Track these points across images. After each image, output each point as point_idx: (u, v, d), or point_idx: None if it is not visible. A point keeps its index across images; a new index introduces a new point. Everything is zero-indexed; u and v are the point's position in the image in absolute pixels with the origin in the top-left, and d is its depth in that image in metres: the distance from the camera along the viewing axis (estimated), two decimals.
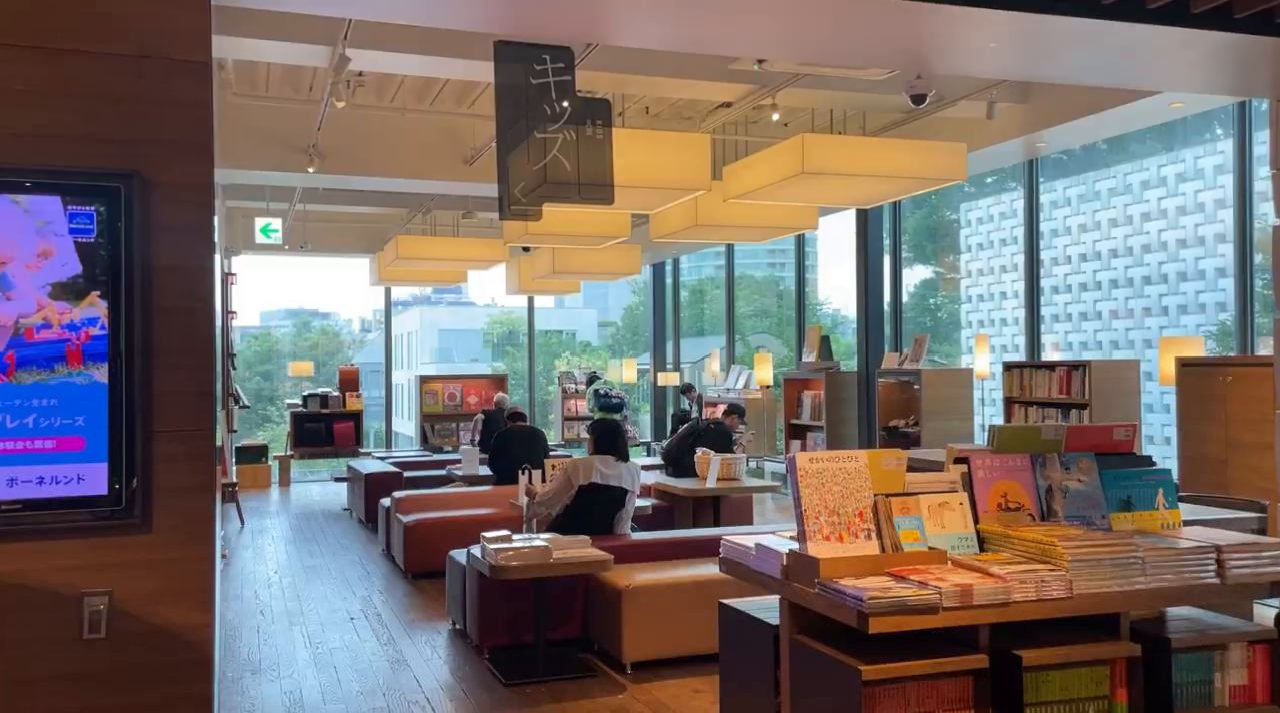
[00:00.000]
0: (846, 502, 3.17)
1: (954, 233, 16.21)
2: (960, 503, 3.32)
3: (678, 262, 15.01)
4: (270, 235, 9.43)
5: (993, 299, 16.12)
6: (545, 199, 4.63)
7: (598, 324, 31.82)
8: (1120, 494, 3.46)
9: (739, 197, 6.88)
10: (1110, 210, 13.85)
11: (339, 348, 27.40)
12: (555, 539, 4.90)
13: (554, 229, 7.54)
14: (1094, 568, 2.96)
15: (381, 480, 9.28)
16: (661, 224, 7.98)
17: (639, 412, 17.60)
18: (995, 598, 2.84)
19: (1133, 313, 13.46)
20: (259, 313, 32.73)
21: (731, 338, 13.56)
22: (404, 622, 5.83)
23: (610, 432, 5.65)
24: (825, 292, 19.20)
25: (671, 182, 6.17)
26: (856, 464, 3.23)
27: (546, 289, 12.56)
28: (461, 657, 5.11)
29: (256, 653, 5.21)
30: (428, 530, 6.96)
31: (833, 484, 3.18)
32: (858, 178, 6.41)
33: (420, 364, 32.39)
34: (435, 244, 10.35)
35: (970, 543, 3.27)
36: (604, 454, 5.54)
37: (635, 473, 5.65)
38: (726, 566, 3.56)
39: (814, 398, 10.49)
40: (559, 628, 5.16)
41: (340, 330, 30.05)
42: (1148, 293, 13.36)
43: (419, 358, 34.07)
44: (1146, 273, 13.34)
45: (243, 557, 8.02)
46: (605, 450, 5.55)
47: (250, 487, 12.69)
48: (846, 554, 3.07)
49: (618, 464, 5.53)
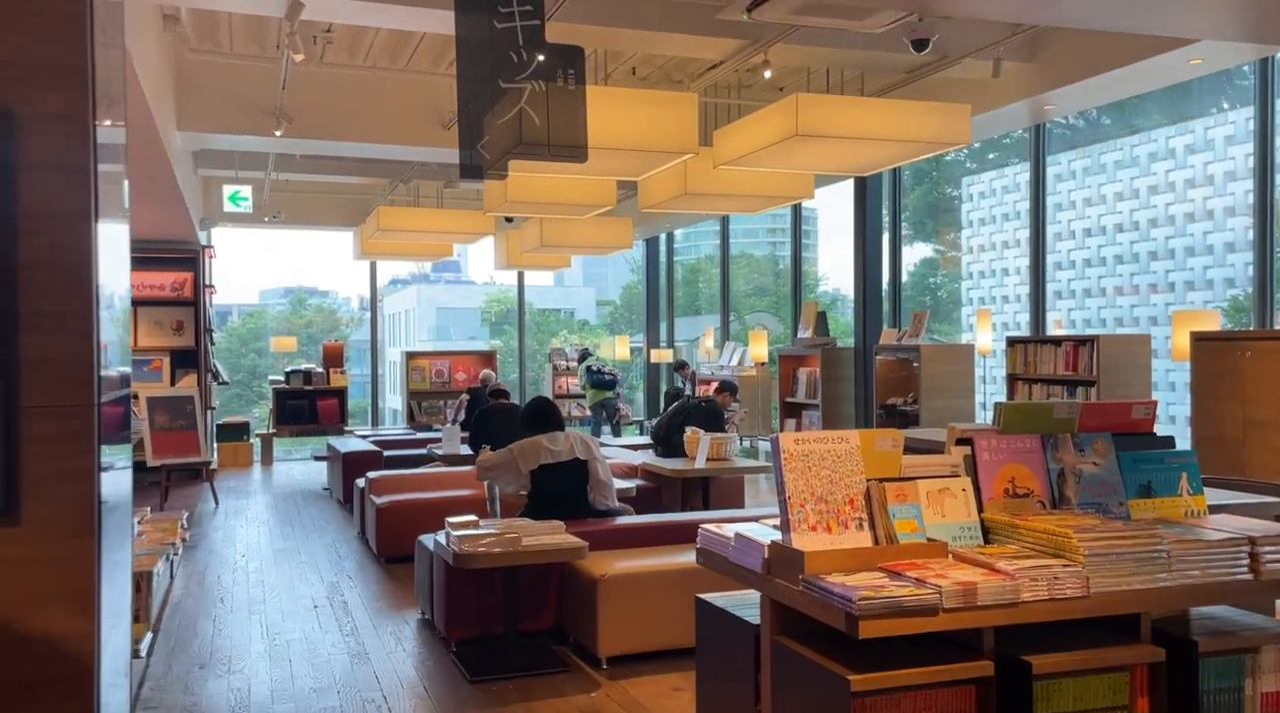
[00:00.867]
0: (835, 488, 2.83)
1: (955, 208, 15.86)
2: (963, 490, 2.99)
3: (672, 236, 14.62)
4: (239, 203, 9.02)
5: (994, 276, 15.77)
6: (512, 156, 4.25)
7: (596, 302, 31.60)
8: (1140, 479, 3.14)
9: (730, 162, 6.51)
10: (1116, 183, 13.47)
11: (335, 325, 27.11)
12: (526, 525, 4.56)
13: (535, 197, 7.18)
14: (1113, 564, 2.63)
15: (360, 460, 8.94)
16: (649, 192, 7.60)
17: (634, 391, 17.29)
18: (1002, 598, 2.51)
19: (1138, 289, 13.11)
20: (257, 291, 32.49)
21: (726, 314, 13.20)
22: (370, 611, 5.51)
23: (538, 411, 5.31)
24: (825, 269, 18.89)
25: (657, 143, 5.80)
26: (847, 446, 2.89)
27: (536, 263, 12.18)
28: (427, 650, 4.79)
29: (209, 645, 4.89)
30: (401, 513, 6.63)
31: (820, 469, 2.85)
32: (855, 141, 6.03)
33: (418, 342, 32.26)
34: (417, 215, 9.97)
35: (974, 534, 2.94)
36: (544, 433, 5.20)
37: (587, 441, 5.32)
38: (704, 557, 3.24)
39: (809, 376, 10.15)
40: (532, 619, 4.84)
41: (338, 308, 29.75)
42: (1154, 269, 13.00)
43: (416, 336, 33.95)
44: (1153, 248, 12.97)
45: (211, 540, 7.70)
46: (542, 429, 5.21)
47: (231, 466, 12.37)
48: (835, 547, 2.75)
49: (562, 437, 5.20)
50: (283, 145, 8.15)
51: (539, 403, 5.43)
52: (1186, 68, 6.38)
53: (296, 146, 8.24)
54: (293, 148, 8.45)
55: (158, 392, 9.48)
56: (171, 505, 9.18)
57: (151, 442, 8.94)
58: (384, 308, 36.16)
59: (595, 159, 5.99)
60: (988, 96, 7.31)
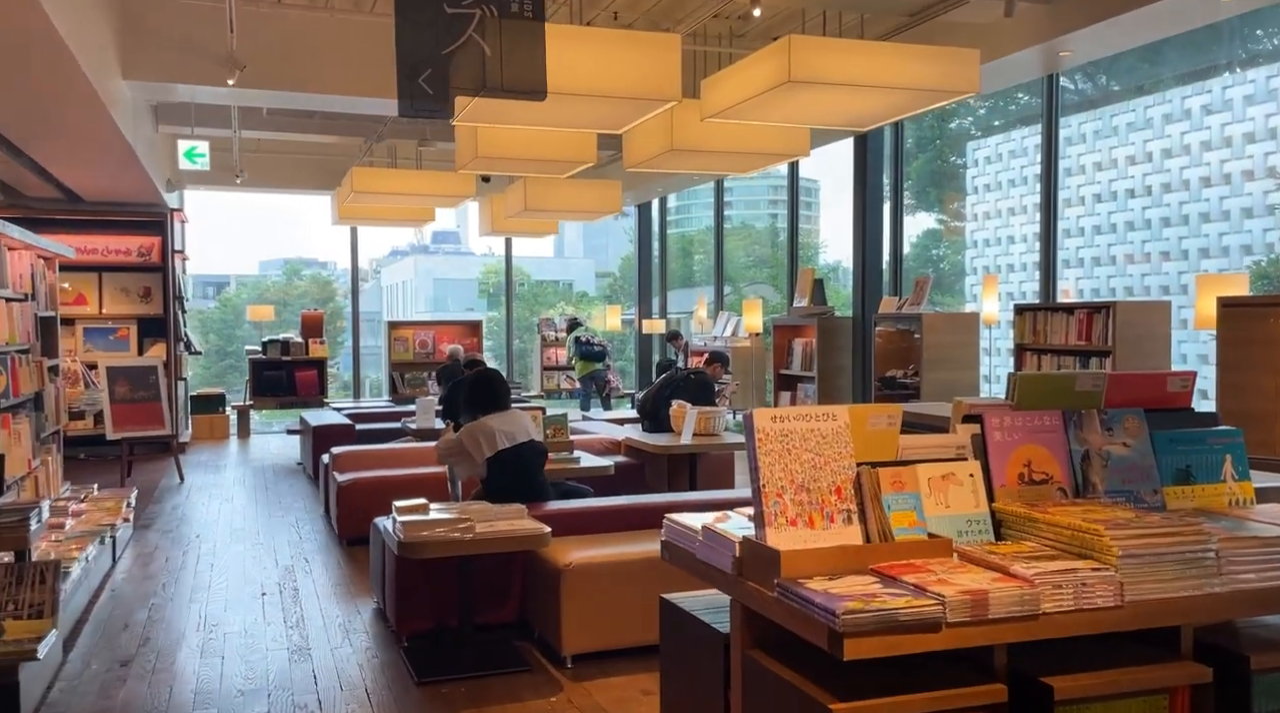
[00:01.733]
0: (820, 474, 2.39)
1: (959, 176, 15.39)
2: (970, 475, 2.56)
3: (665, 201, 14.10)
4: (196, 161, 8.49)
5: (999, 243, 15.29)
6: (460, 92, 3.76)
7: (595, 274, 31.27)
8: (1177, 463, 2.71)
9: (718, 114, 5.99)
10: (1129, 147, 12.94)
11: (331, 295, 26.69)
12: (483, 509, 4.12)
13: (508, 152, 6.67)
14: (1152, 567, 2.20)
15: (330, 434, 8.50)
16: (634, 149, 7.09)
17: (628, 362, 16.85)
18: (1019, 609, 2.08)
19: (1150, 257, 12.63)
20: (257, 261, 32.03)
21: (720, 282, 12.70)
22: (322, 599, 5.07)
23: (483, 388, 4.80)
24: (826, 239, 18.41)
25: (636, 89, 5.28)
26: (835, 425, 2.44)
27: (521, 229, 11.66)
28: (377, 645, 4.35)
29: (138, 638, 4.46)
30: (364, 492, 6.18)
31: (802, 451, 2.40)
32: (854, 89, 5.51)
33: (415, 313, 32.07)
34: (392, 177, 9.45)
35: (983, 528, 2.51)
36: (492, 413, 4.72)
37: (530, 421, 4.88)
38: (669, 552, 2.80)
39: (805, 346, 9.68)
40: (493, 611, 4.40)
41: (335, 278, 29.36)
42: (1166, 236, 12.51)
43: (414, 307, 33.72)
44: (1166, 214, 12.47)
45: (168, 518, 7.26)
46: (490, 409, 4.73)
47: (206, 439, 11.93)
48: (818, 545, 2.32)
49: (511, 417, 4.73)
50: (240, 98, 7.63)
51: (483, 378, 4.93)
52: (1216, 8, 5.84)
53: (252, 98, 7.71)
54: (249, 99, 7.92)
55: (117, 361, 9.02)
56: (134, 482, 8.75)
57: (111, 414, 8.50)
58: (382, 279, 35.84)
59: (569, 108, 5.50)
60: (998, 42, 6.77)
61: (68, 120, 6.30)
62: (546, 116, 5.77)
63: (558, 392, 13.97)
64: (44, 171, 8.67)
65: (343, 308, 21.78)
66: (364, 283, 33.22)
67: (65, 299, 10.45)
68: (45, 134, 6.94)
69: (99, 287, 10.55)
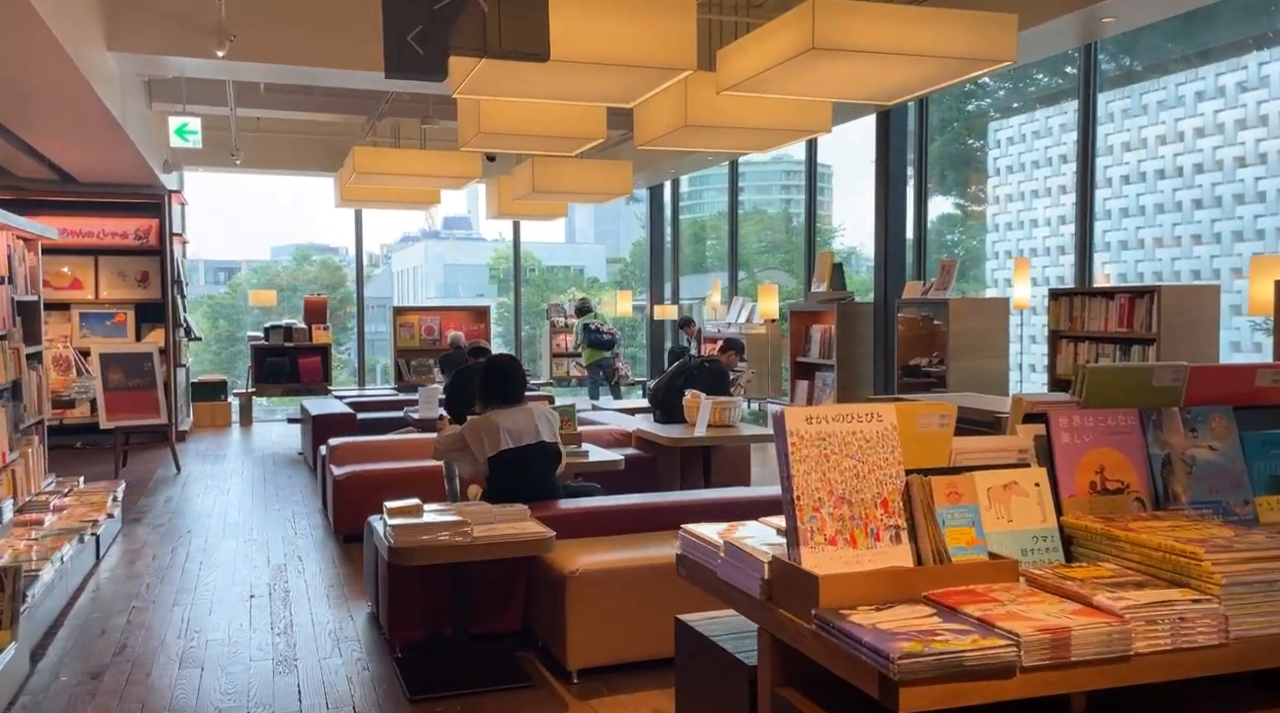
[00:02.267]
0: (864, 484, 2.05)
1: (978, 159, 14.98)
2: (1036, 484, 2.20)
3: (677, 183, 13.71)
4: (187, 137, 8.16)
5: (1023, 227, 14.86)
6: (454, 50, 3.42)
7: (606, 260, 31.02)
8: (1270, 469, 2.37)
9: (735, 86, 5.62)
10: (1159, 126, 12.49)
11: (341, 281, 26.46)
12: (482, 510, 3.79)
13: (513, 127, 6.32)
14: (1263, 596, 1.85)
15: (330, 423, 8.19)
16: (646, 125, 6.72)
17: (640, 349, 16.51)
18: (1107, 650, 1.75)
19: (1180, 240, 12.20)
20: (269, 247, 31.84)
21: (735, 267, 12.32)
22: (314, 602, 4.77)
23: (496, 376, 4.36)
24: (840, 223, 18.01)
25: (648, 57, 4.92)
26: (880, 426, 2.09)
27: (529, 212, 11.30)
28: (369, 655, 4.04)
29: (113, 646, 4.16)
30: (361, 485, 5.87)
31: (842, 457, 2.06)
32: (882, 58, 5.13)
33: (425, 298, 31.98)
34: (395, 157, 9.10)
35: (1051, 546, 2.17)
36: (500, 408, 4.33)
37: (552, 421, 4.46)
38: (685, 568, 2.48)
39: (824, 333, 9.31)
40: (494, 619, 4.09)
41: (345, 263, 29.18)
42: (1198, 218, 12.07)
43: (424, 293, 33.65)
44: (1197, 196, 12.04)
45: (159, 512, 6.97)
46: (500, 401, 4.36)
47: (208, 427, 11.67)
48: (862, 568, 1.98)
49: (523, 415, 4.32)
50: (231, 71, 7.28)
51: (497, 365, 4.57)
52: None
53: (244, 71, 7.36)
54: (241, 73, 7.57)
55: (112, 347, 8.72)
56: (130, 472, 8.48)
57: (105, 402, 8.21)
58: (393, 264, 35.64)
59: (576, 78, 5.14)
60: (1034, 6, 6.37)
61: (47, 94, 5.98)
62: (552, 88, 5.42)
63: (567, 379, 13.64)
64: (35, 151, 8.36)
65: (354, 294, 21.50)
66: (375, 269, 33.06)
67: (61, 284, 10.17)
68: (27, 110, 6.62)
69: (95, 270, 10.26)
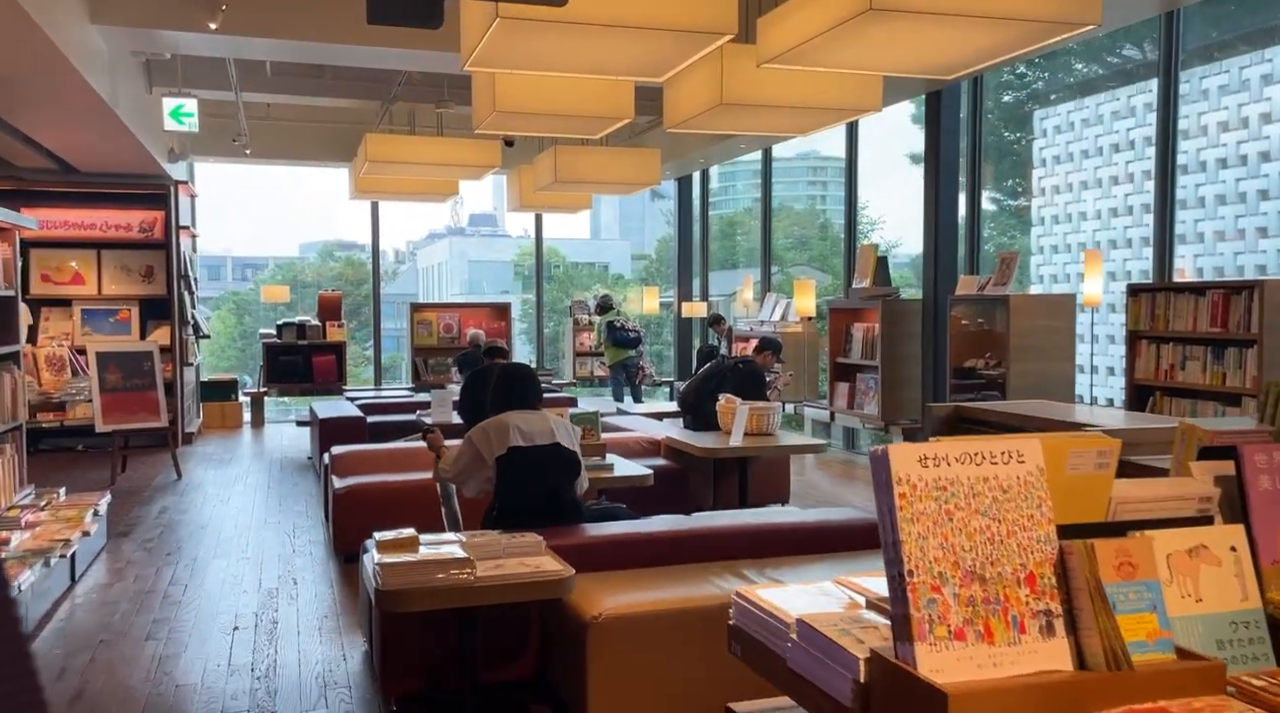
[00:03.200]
0: (1002, 553, 1.44)
1: (1015, 152, 14.30)
2: (1231, 548, 1.59)
3: (706, 174, 13.10)
4: (183, 121, 7.65)
5: (1069, 220, 14.16)
6: None
7: (631, 257, 30.64)
8: None
9: (778, 57, 5.01)
10: (1220, 113, 11.75)
11: (366, 277, 26.20)
12: (489, 542, 3.22)
13: (531, 106, 5.75)
14: None
15: (338, 427, 7.66)
16: (677, 105, 6.13)
17: (665, 346, 15.92)
18: None
19: (1244, 233, 11.46)
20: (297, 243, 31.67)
21: (768, 262, 11.69)
22: (304, 635, 4.22)
23: (512, 382, 3.99)
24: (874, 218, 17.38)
25: (683, 19, 4.34)
26: (1022, 469, 1.48)
27: (552, 204, 10.74)
28: (360, 707, 3.49)
29: (70, 691, 3.62)
30: (364, 500, 5.33)
31: (971, 514, 1.44)
32: (947, 22, 4.51)
33: (450, 295, 31.77)
34: (410, 144, 8.57)
35: (1256, 636, 1.56)
36: (515, 410, 3.89)
37: (570, 428, 4.01)
38: (741, 644, 1.88)
39: (866, 332, 8.68)
40: (503, 666, 3.52)
41: (370, 260, 29.05)
42: (1264, 210, 11.33)
43: (449, 289, 33.45)
44: (1263, 186, 11.30)
45: (149, 525, 6.46)
46: (512, 405, 3.91)
47: (218, 428, 11.21)
48: (1004, 674, 1.38)
49: (537, 417, 3.90)
50: (228, 47, 6.76)
51: (510, 373, 4.08)
52: None
53: (240, 47, 6.84)
54: (239, 50, 7.05)
55: (108, 345, 8.25)
56: (129, 478, 8.01)
57: (101, 404, 7.74)
58: (418, 261, 35.40)
59: (603, 45, 4.56)
60: None
61: (21, 72, 5.49)
62: (574, 59, 4.84)
63: (590, 379, 13.06)
64: (30, 139, 7.90)
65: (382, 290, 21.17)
66: (401, 266, 32.74)
67: (62, 278, 9.74)
68: (7, 91, 6.13)
69: (97, 264, 9.80)
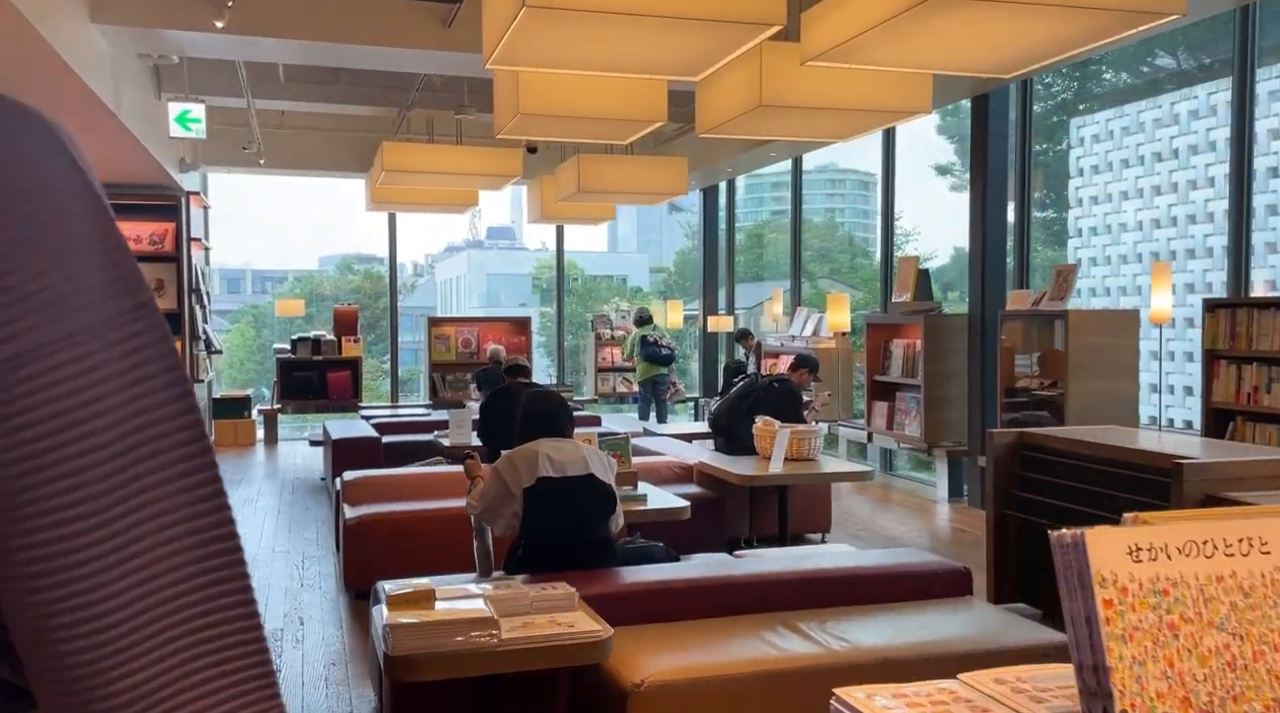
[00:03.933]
0: (1245, 681, 0.98)
1: (1050, 162, 13.86)
2: None
3: (733, 184, 12.71)
4: (190, 127, 7.34)
5: (1109, 232, 13.70)
6: None
7: (650, 269, 30.34)
8: None
9: (824, 54, 4.62)
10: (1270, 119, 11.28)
11: (384, 291, 26.01)
12: (514, 595, 2.82)
13: (556, 107, 5.38)
14: None
15: (352, 449, 7.29)
16: (711, 108, 5.75)
17: (687, 361, 15.50)
18: None
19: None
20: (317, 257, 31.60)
21: (798, 274, 11.28)
22: (309, 686, 3.83)
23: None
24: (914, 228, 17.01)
25: (727, 9, 3.96)
26: (1269, 562, 1.04)
27: (575, 215, 10.40)
28: None
29: None
30: (377, 532, 4.94)
31: (1202, 626, 0.98)
32: (1014, 10, 4.12)
33: (468, 308, 31.61)
34: (428, 152, 8.24)
35: None
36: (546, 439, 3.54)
37: (605, 460, 3.63)
38: None
39: (906, 349, 8.24)
40: None
41: (387, 273, 29.01)
42: None
43: (468, 303, 33.30)
44: None
45: None
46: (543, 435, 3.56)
47: (230, 446, 10.88)
48: None
49: (569, 446, 3.54)
50: (236, 48, 6.44)
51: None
52: None
53: (250, 49, 6.51)
54: (248, 51, 6.73)
55: None
56: None
57: None
58: (436, 274, 35.25)
59: (635, 39, 4.19)
60: None
61: (13, 70, 5.17)
62: (603, 57, 4.47)
63: (612, 395, 12.66)
64: None
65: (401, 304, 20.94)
66: (419, 279, 32.55)
67: None
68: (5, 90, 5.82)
69: None
